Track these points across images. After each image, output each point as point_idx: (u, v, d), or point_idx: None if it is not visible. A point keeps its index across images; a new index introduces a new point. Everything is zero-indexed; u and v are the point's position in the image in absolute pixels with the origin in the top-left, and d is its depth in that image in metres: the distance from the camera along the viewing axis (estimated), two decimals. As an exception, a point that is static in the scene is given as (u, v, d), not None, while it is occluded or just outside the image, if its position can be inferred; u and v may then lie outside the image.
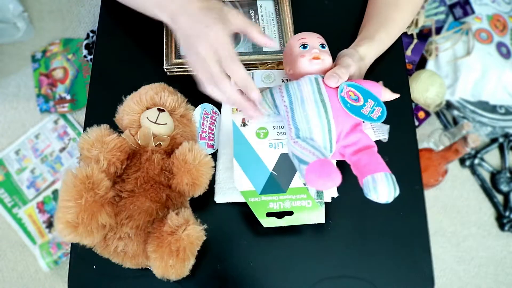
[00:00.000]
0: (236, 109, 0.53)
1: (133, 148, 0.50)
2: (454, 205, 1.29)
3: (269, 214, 0.49)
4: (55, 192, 1.24)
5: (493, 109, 1.31)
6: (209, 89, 0.48)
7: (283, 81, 0.56)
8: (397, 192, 0.42)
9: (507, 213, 1.26)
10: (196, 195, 0.50)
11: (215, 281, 0.51)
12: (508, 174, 1.31)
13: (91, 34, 1.34)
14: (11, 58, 1.40)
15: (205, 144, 0.55)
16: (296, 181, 0.50)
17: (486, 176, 1.32)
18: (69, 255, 0.56)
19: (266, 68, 0.58)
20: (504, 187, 1.29)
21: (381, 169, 0.42)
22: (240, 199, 0.52)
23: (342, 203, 0.55)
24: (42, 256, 1.12)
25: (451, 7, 1.30)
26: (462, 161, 1.33)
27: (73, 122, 1.32)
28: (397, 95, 0.51)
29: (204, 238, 0.48)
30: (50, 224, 1.21)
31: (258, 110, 0.49)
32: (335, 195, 0.52)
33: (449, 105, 1.33)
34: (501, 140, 1.33)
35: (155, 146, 0.50)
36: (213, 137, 0.56)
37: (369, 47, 0.55)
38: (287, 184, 0.50)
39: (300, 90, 0.47)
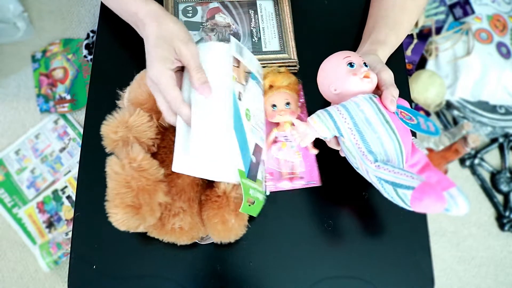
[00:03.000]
0: (235, 79, 0.48)
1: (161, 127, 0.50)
2: (454, 205, 1.29)
3: None
4: (55, 192, 1.24)
5: (493, 109, 1.31)
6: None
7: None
8: (469, 202, 0.41)
9: (507, 213, 1.26)
10: None
11: (215, 281, 0.51)
12: (508, 174, 1.31)
13: (91, 34, 1.34)
14: (11, 58, 1.40)
15: None
16: (259, 174, 0.49)
17: (486, 176, 1.32)
18: (69, 255, 0.56)
19: (267, 72, 0.58)
20: (504, 187, 1.29)
21: (451, 183, 0.41)
22: (201, 174, 0.45)
23: (342, 203, 0.55)
24: (42, 256, 1.12)
25: (451, 7, 1.30)
26: (462, 161, 1.33)
27: (73, 122, 1.32)
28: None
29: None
30: (50, 224, 1.21)
31: None
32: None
33: (449, 105, 1.33)
34: (501, 140, 1.33)
35: None
36: None
37: (383, 52, 0.55)
38: (257, 174, 0.48)
39: (361, 110, 0.44)
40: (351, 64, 0.46)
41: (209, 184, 0.51)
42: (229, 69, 0.48)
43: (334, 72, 0.47)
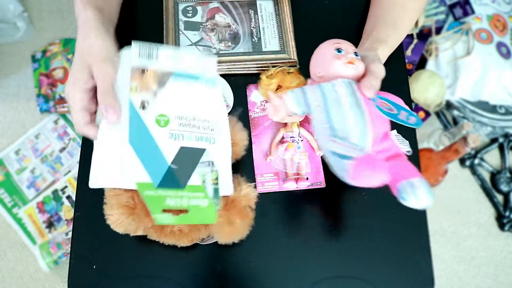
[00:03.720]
0: (136, 89, 0.45)
1: None
2: (454, 205, 1.29)
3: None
4: (55, 192, 1.24)
5: (493, 109, 1.31)
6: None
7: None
8: (433, 197, 0.40)
9: (507, 213, 1.26)
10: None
11: (215, 281, 0.51)
12: (508, 174, 1.31)
13: (91, 34, 1.34)
14: (11, 58, 1.40)
15: None
16: (194, 179, 0.46)
17: (486, 176, 1.32)
18: (69, 255, 0.56)
19: (269, 74, 0.58)
20: (504, 187, 1.29)
21: (415, 174, 0.41)
22: (117, 184, 0.44)
23: (342, 203, 0.55)
24: (42, 256, 1.12)
25: (451, 7, 1.30)
26: (462, 161, 1.33)
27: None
28: None
29: (257, 197, 0.50)
30: (50, 224, 1.21)
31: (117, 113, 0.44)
32: (231, 192, 0.48)
33: (449, 105, 1.33)
34: (501, 140, 1.34)
35: None
36: None
37: (384, 51, 0.55)
38: (186, 179, 0.45)
39: (335, 91, 0.46)
40: (338, 50, 0.48)
41: None
42: (126, 79, 0.45)
43: (322, 56, 0.49)
